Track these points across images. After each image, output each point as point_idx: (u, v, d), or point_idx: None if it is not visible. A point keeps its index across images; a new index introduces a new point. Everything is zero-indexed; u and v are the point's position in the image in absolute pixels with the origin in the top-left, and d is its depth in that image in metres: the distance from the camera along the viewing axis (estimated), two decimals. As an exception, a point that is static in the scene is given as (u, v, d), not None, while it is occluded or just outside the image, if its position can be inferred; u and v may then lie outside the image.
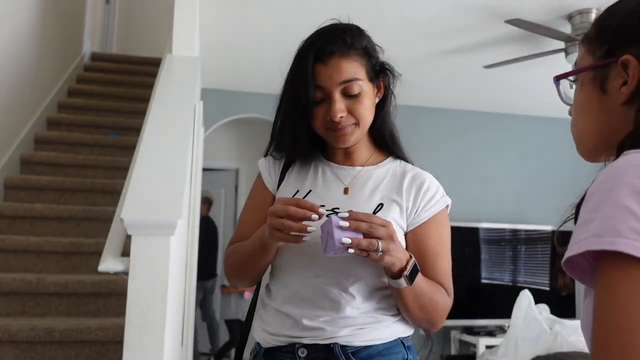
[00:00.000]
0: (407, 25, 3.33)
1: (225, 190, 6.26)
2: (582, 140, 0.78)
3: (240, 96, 4.63)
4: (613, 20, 0.72)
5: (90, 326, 2.18)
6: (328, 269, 1.07)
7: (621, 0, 0.74)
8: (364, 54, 1.12)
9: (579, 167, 5.85)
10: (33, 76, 3.70)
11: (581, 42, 0.77)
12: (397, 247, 1.00)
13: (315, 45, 1.08)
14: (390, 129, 1.21)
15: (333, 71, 1.07)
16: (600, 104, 0.72)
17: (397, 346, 1.10)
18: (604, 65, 0.71)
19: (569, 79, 0.81)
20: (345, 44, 1.09)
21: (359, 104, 1.09)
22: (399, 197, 1.13)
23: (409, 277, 1.01)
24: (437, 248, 1.12)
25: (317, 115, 1.10)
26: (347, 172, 1.18)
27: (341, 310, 1.07)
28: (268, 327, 1.13)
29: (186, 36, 2.58)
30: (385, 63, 1.18)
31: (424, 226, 1.12)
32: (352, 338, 1.06)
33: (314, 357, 1.07)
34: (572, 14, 3.09)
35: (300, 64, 1.09)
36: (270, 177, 1.22)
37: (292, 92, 1.10)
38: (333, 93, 1.08)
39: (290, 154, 1.19)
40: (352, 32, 1.12)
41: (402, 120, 1.31)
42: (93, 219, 2.98)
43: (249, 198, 1.26)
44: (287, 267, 1.13)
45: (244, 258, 1.16)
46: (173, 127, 1.96)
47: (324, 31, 1.12)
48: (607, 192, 0.57)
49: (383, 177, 1.17)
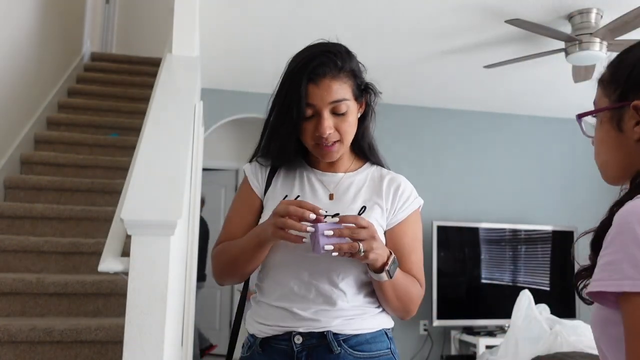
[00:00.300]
0: (407, 25, 3.32)
1: (225, 190, 6.26)
2: (605, 169, 0.91)
3: (240, 96, 4.63)
4: (623, 68, 0.85)
5: (90, 326, 2.18)
6: (319, 267, 1.18)
7: (628, 50, 0.86)
8: (351, 76, 1.23)
9: (579, 167, 5.86)
10: (33, 76, 3.70)
11: (598, 83, 0.89)
12: (379, 245, 1.12)
13: (309, 67, 1.17)
14: (369, 141, 1.33)
15: (324, 92, 1.17)
16: (617, 140, 0.85)
17: (382, 336, 1.23)
18: (619, 107, 0.83)
19: (590, 116, 0.93)
20: (336, 67, 1.19)
21: (345, 121, 1.21)
22: (379, 199, 1.26)
23: (389, 271, 1.14)
24: (412, 244, 1.26)
25: (307, 129, 1.20)
26: (330, 178, 1.29)
27: (333, 304, 1.18)
28: (264, 320, 1.23)
29: (186, 36, 2.57)
30: (369, 83, 1.29)
31: (401, 225, 1.26)
32: (344, 327, 1.18)
33: (309, 344, 1.18)
34: (572, 14, 3.09)
35: (294, 83, 1.18)
36: (257, 182, 1.32)
37: (285, 108, 1.19)
38: (323, 111, 1.18)
39: (277, 162, 1.30)
40: (342, 55, 1.22)
41: (403, 120, 1.35)
42: (93, 219, 2.98)
43: (235, 200, 1.34)
44: (281, 266, 1.22)
45: (237, 255, 1.23)
46: (173, 127, 1.96)
47: (316, 53, 1.20)
48: (619, 240, 0.72)
49: (363, 181, 1.29)
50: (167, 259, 1.39)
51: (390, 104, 4.80)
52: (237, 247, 1.23)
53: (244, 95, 4.64)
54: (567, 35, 3.03)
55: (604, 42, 3.08)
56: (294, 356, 1.18)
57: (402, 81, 4.37)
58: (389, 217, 1.25)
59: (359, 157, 1.34)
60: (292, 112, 1.17)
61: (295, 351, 1.18)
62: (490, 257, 4.66)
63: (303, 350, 1.18)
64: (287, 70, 1.23)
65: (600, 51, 3.09)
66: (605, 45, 3.11)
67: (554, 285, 4.73)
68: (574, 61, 3.21)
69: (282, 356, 1.19)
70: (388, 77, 4.26)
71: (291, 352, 1.18)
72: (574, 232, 4.83)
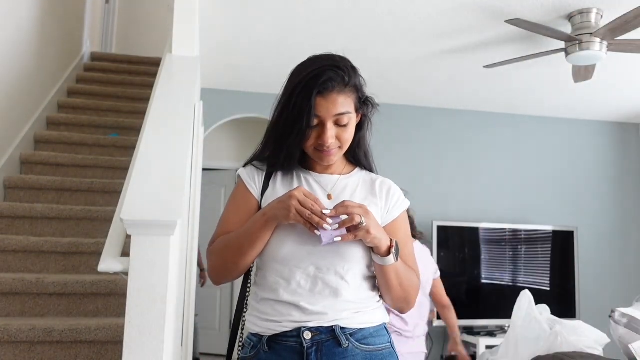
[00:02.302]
0: (407, 25, 3.32)
1: (225, 190, 6.26)
2: None
3: (240, 96, 4.64)
4: None
5: (90, 326, 2.18)
6: (326, 261, 1.23)
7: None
8: (355, 90, 1.30)
9: (579, 167, 5.87)
10: (33, 76, 3.70)
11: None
12: (377, 224, 1.21)
13: (320, 81, 1.24)
14: (365, 150, 1.42)
15: (330, 105, 1.25)
16: None
17: (383, 330, 1.30)
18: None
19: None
20: (343, 82, 1.26)
21: (346, 132, 1.29)
22: (374, 198, 1.35)
23: (395, 254, 1.22)
24: (405, 239, 1.35)
25: (310, 137, 1.27)
26: (326, 180, 1.36)
27: (340, 296, 1.23)
28: (271, 317, 1.24)
29: (186, 36, 2.58)
30: (369, 97, 1.35)
31: (394, 222, 1.35)
32: (350, 321, 1.23)
33: (318, 339, 1.21)
34: (572, 14, 3.09)
35: (305, 96, 1.24)
36: (254, 185, 1.36)
37: (294, 117, 1.25)
38: (327, 122, 1.26)
39: (279, 167, 1.36)
40: (349, 70, 1.28)
41: (402, 120, 1.37)
42: (93, 219, 2.98)
43: (230, 202, 1.37)
44: (286, 261, 1.24)
45: (240, 241, 1.26)
46: (173, 127, 1.96)
47: (325, 67, 1.26)
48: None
49: (357, 183, 1.38)
50: (167, 259, 1.39)
51: (390, 104, 4.80)
52: (240, 233, 1.26)
53: (244, 95, 4.65)
54: (567, 35, 3.03)
55: (604, 42, 3.08)
56: (303, 352, 1.20)
57: (402, 81, 4.37)
58: (384, 215, 1.34)
59: (350, 162, 1.42)
60: (301, 123, 1.24)
61: (305, 347, 1.20)
62: (491, 257, 4.66)
63: (313, 346, 1.20)
64: (295, 80, 1.28)
65: (600, 51, 3.09)
66: (605, 45, 3.10)
67: (554, 285, 4.73)
68: (574, 61, 3.21)
69: (291, 353, 1.21)
70: (388, 77, 4.26)
71: (300, 349, 1.20)
72: (574, 232, 4.83)
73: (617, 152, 5.35)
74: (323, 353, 1.20)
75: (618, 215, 5.23)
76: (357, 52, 3.70)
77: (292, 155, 1.31)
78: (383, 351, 1.26)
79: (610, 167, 5.31)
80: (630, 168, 5.36)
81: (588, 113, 5.08)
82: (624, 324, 2.96)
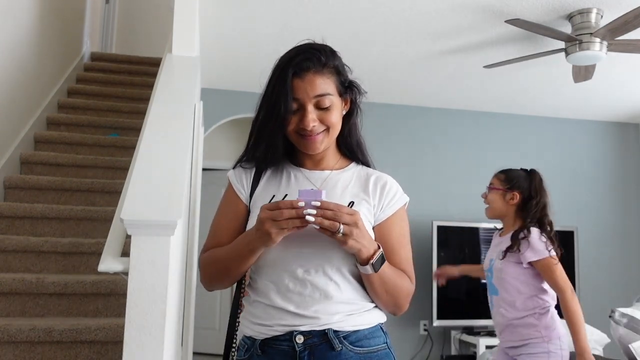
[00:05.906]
0: (407, 25, 3.32)
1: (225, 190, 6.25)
2: None
3: (240, 96, 4.63)
4: None
5: (90, 326, 2.18)
6: (313, 263, 1.20)
7: None
8: (335, 72, 1.25)
9: (579, 167, 5.85)
10: (33, 76, 3.70)
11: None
12: (363, 234, 1.13)
13: (294, 62, 1.21)
14: (357, 139, 1.36)
15: (308, 85, 1.21)
16: None
17: (378, 331, 1.26)
18: None
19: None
20: (320, 62, 1.22)
21: (330, 115, 1.24)
22: (366, 196, 1.28)
23: (374, 265, 1.17)
24: (400, 239, 1.29)
25: (291, 122, 1.23)
26: (317, 175, 1.31)
27: (331, 298, 1.20)
28: (262, 321, 1.23)
29: (186, 36, 2.57)
30: (353, 81, 1.31)
31: (388, 221, 1.28)
32: (343, 324, 1.20)
33: (310, 343, 1.19)
34: (572, 14, 3.09)
35: (280, 79, 1.22)
36: (242, 188, 1.34)
37: (272, 103, 1.22)
38: (307, 105, 1.21)
39: (265, 162, 1.31)
40: (326, 52, 1.25)
41: (402, 120, 1.35)
42: (93, 219, 2.98)
43: (220, 207, 1.37)
44: (274, 264, 1.23)
45: (226, 263, 1.25)
46: (173, 127, 1.96)
47: (301, 49, 1.24)
48: None
49: (350, 179, 1.32)
50: (167, 259, 1.39)
51: (390, 104, 4.80)
52: (227, 256, 1.25)
53: (244, 95, 4.64)
54: (567, 35, 3.03)
55: (604, 42, 3.08)
56: (296, 356, 1.18)
57: (402, 81, 4.37)
58: (377, 213, 1.28)
59: (345, 156, 1.37)
60: (279, 107, 1.21)
61: (298, 351, 1.18)
62: (490, 257, 4.65)
63: (305, 350, 1.18)
64: (273, 68, 1.27)
65: (600, 51, 3.09)
66: (605, 45, 3.10)
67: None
68: (574, 61, 3.21)
69: (284, 357, 1.19)
70: (388, 77, 4.26)
71: (293, 353, 1.19)
72: (574, 232, 4.83)
73: (617, 152, 5.35)
74: (316, 357, 1.18)
75: (618, 215, 5.23)
76: (357, 52, 3.71)
77: (274, 145, 1.26)
78: (378, 352, 1.23)
79: (610, 167, 5.31)
80: (630, 168, 5.36)
81: (588, 113, 5.08)
82: (624, 324, 2.96)
